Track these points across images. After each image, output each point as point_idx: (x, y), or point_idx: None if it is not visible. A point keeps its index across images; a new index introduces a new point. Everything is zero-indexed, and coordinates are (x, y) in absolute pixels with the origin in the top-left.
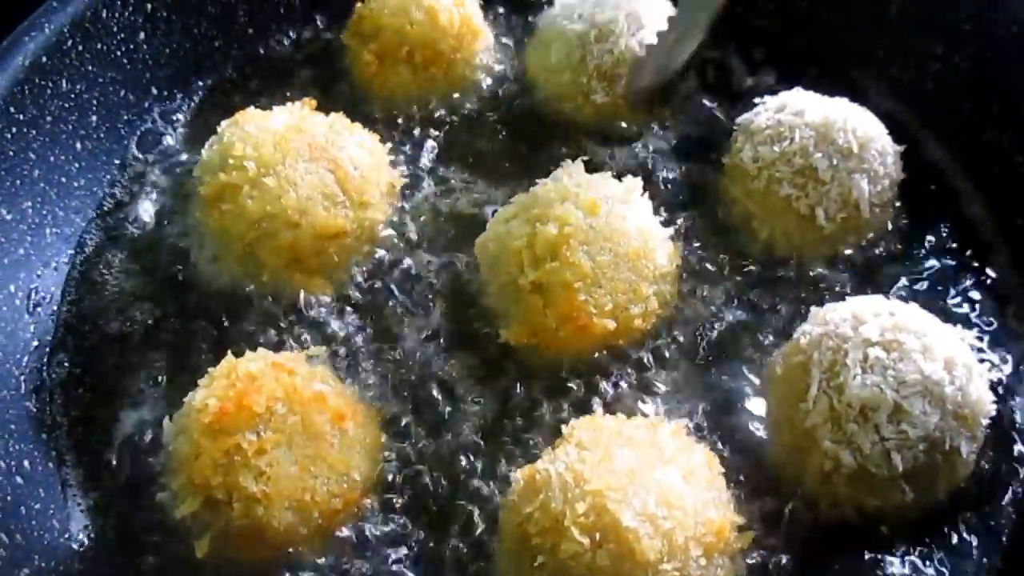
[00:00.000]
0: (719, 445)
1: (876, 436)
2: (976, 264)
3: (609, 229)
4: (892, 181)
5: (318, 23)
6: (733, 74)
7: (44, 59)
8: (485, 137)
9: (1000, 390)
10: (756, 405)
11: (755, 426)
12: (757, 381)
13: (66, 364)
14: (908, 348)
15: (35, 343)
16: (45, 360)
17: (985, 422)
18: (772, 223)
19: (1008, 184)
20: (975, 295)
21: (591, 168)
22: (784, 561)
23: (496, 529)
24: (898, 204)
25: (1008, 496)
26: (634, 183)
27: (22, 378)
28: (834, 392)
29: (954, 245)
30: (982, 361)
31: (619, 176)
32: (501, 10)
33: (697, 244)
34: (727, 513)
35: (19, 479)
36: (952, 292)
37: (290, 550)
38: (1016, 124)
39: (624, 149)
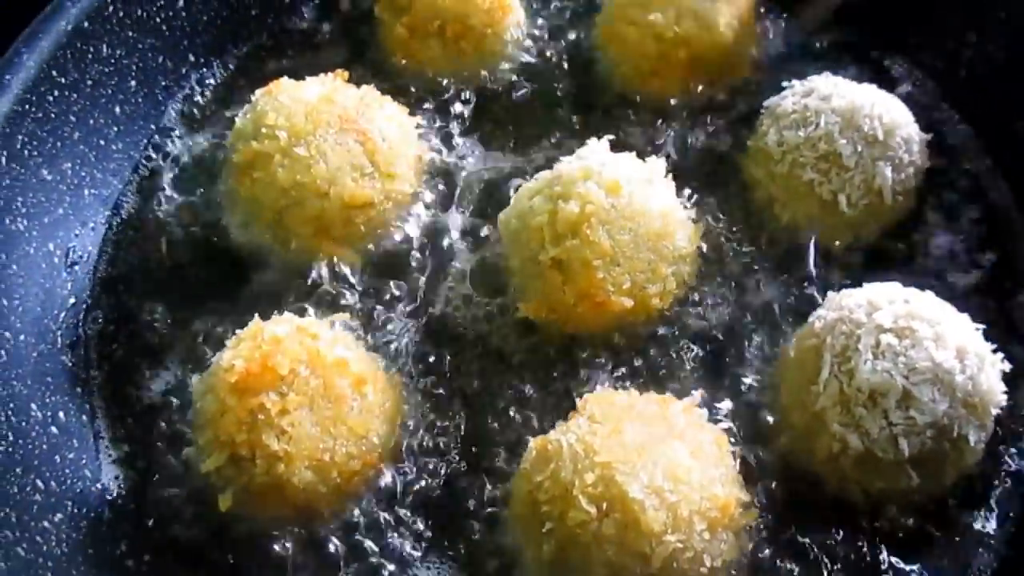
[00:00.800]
0: (730, 424)
1: (884, 421)
2: (999, 255)
3: (630, 209)
4: (917, 169)
5: None
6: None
7: (86, 24)
8: (513, 112)
9: (1014, 379)
10: (769, 386)
11: (767, 407)
12: (772, 362)
13: (101, 321)
14: (920, 336)
15: (72, 300)
16: (81, 316)
17: (995, 411)
18: (794, 207)
19: None
20: (995, 285)
21: (616, 147)
22: (789, 540)
23: (508, 496)
24: (922, 191)
25: (1017, 484)
26: (657, 164)
27: (59, 333)
28: (845, 376)
29: (977, 235)
30: (996, 351)
31: (643, 156)
32: None
33: (719, 226)
34: (733, 490)
35: (54, 429)
36: (971, 281)
37: (310, 508)
38: None
39: (650, 129)
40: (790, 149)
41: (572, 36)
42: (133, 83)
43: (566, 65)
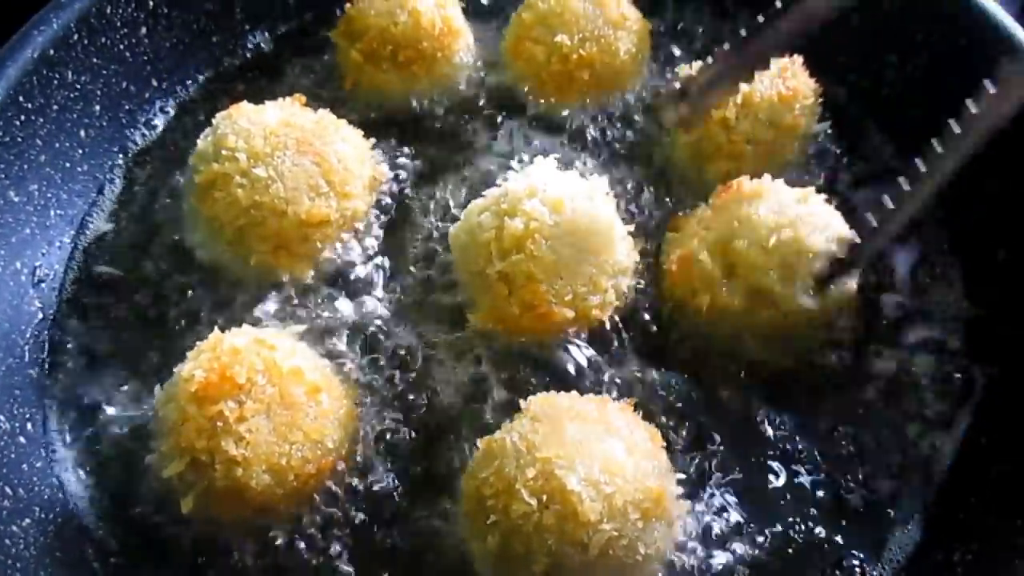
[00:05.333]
0: (663, 421)
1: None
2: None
3: (572, 225)
4: None
5: (310, 22)
6: None
7: (52, 52)
8: (462, 131)
9: None
10: (697, 385)
11: (696, 404)
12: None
13: (66, 336)
14: None
15: (39, 316)
16: (47, 332)
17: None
18: None
19: (954, 184)
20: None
21: (561, 164)
22: (719, 527)
23: (458, 494)
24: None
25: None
26: (599, 182)
27: (26, 348)
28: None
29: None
30: None
31: (586, 174)
32: (480, 9)
33: (656, 246)
34: (665, 483)
35: (22, 439)
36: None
37: (267, 509)
38: None
39: (597, 146)
40: None
41: None
42: (98, 108)
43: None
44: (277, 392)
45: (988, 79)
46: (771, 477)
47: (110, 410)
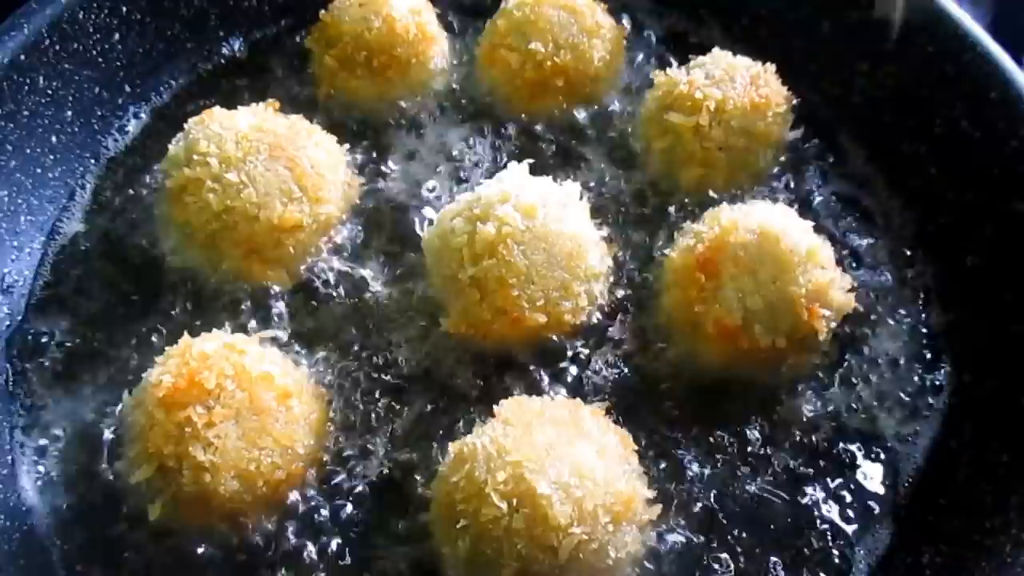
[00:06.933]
0: (635, 425)
1: None
2: (890, 257)
3: (545, 231)
4: None
5: (284, 29)
6: None
7: (23, 57)
8: (437, 138)
9: None
10: (669, 390)
11: (668, 409)
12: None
13: (35, 342)
14: None
15: (6, 323)
16: (15, 338)
17: None
18: None
19: (923, 191)
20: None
21: (536, 170)
22: (690, 530)
23: (430, 500)
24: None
25: None
26: (573, 187)
27: None
28: None
29: (869, 243)
30: None
31: (559, 180)
32: (456, 16)
33: (629, 251)
34: (636, 486)
35: None
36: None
37: (237, 516)
38: (931, 136)
39: (571, 152)
40: None
41: None
42: (70, 113)
43: (487, 92)
44: (247, 397)
45: None
46: (742, 482)
47: (78, 417)
